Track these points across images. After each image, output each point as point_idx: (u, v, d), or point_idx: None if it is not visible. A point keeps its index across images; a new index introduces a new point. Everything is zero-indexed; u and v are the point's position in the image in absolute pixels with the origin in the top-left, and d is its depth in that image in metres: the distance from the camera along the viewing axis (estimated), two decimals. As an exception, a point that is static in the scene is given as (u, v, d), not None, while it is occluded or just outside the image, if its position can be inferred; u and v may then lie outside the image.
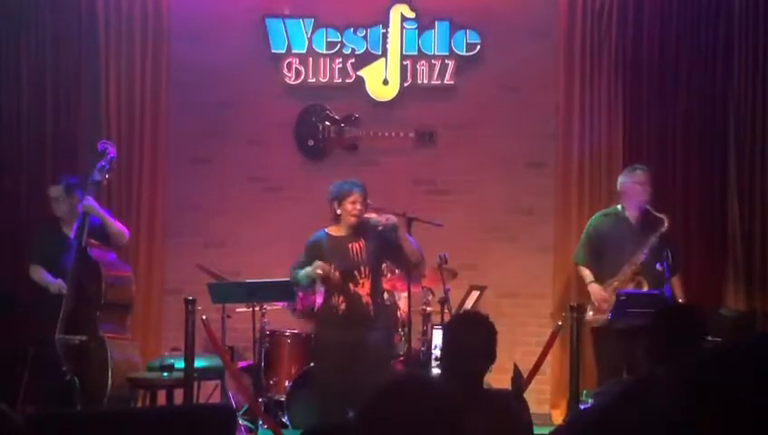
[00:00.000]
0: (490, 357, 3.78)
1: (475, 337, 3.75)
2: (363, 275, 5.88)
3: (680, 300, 6.50)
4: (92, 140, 7.11)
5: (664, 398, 1.55)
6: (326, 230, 6.02)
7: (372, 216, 5.93)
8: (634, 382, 1.77)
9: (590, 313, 6.51)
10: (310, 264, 5.89)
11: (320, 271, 5.78)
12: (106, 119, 7.64)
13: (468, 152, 7.86)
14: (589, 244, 6.79)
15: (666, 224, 6.47)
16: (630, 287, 6.44)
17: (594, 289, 6.62)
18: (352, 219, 5.88)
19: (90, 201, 6.45)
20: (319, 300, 6.18)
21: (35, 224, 7.09)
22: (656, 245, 6.45)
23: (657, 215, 6.52)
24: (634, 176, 6.68)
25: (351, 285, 5.88)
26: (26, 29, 7.62)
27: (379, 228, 5.85)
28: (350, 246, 5.93)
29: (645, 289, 6.39)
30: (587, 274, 6.72)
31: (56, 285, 6.39)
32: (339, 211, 5.91)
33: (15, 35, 7.63)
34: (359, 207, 5.87)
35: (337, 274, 5.86)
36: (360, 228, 5.91)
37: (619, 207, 6.73)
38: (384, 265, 6.20)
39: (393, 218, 5.91)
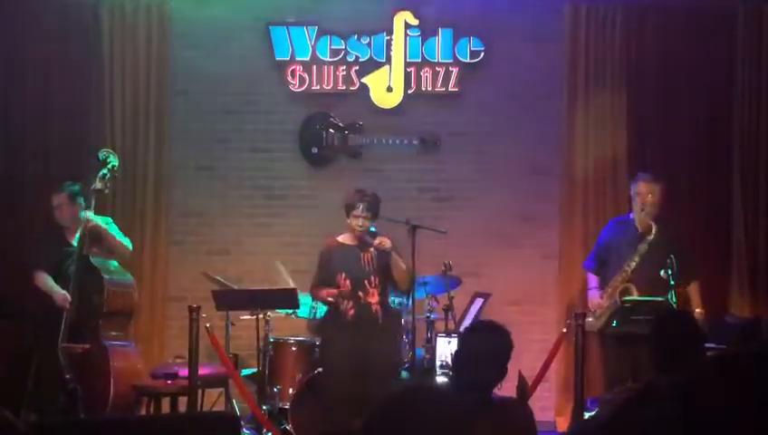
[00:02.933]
0: (501, 368, 3.77)
1: (489, 346, 3.74)
2: (373, 285, 5.94)
3: (697, 309, 6.46)
4: (97, 149, 7.11)
5: (666, 406, 1.55)
6: (337, 239, 6.10)
7: (373, 240, 5.98)
8: (637, 391, 1.76)
9: (589, 318, 6.51)
10: (327, 277, 5.98)
11: (330, 299, 5.98)
12: (111, 127, 7.65)
13: (472, 159, 7.86)
14: (597, 251, 6.82)
15: (653, 232, 6.44)
16: (617, 294, 6.44)
17: (590, 295, 6.66)
18: (356, 232, 5.96)
19: (89, 215, 6.42)
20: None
21: (39, 231, 7.09)
22: (650, 251, 6.42)
23: (651, 223, 6.48)
24: (635, 184, 6.70)
25: (362, 294, 5.92)
26: (31, 39, 7.63)
27: (371, 249, 5.92)
28: (362, 255, 6.00)
29: (634, 296, 6.37)
30: (590, 280, 6.76)
31: (61, 296, 6.37)
32: (348, 222, 6.01)
33: (20, 45, 7.63)
34: (360, 222, 5.96)
35: (347, 282, 5.93)
36: (365, 240, 5.98)
37: (630, 214, 6.73)
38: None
39: (387, 244, 5.96)
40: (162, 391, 6.36)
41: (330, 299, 5.98)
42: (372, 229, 6.17)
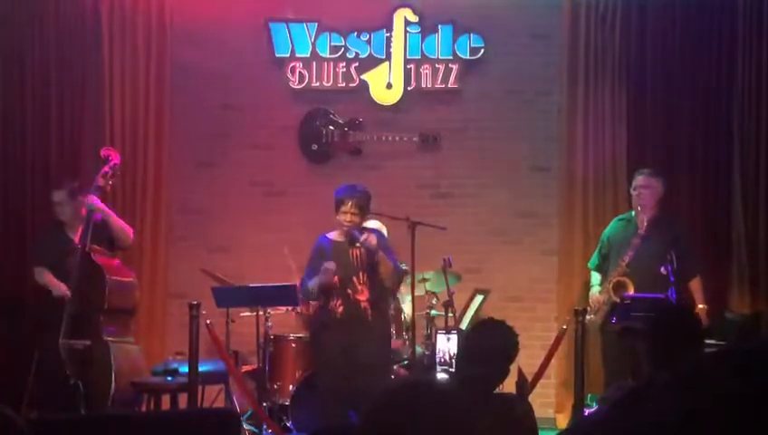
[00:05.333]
0: (504, 367, 3.78)
1: (494, 344, 3.76)
2: (362, 282, 5.92)
3: (700, 305, 6.46)
4: (96, 145, 7.12)
5: (666, 403, 1.55)
6: (327, 235, 6.08)
7: (361, 235, 5.95)
8: (636, 387, 1.77)
9: (590, 315, 6.51)
10: (315, 273, 5.96)
11: (327, 275, 5.84)
12: (110, 124, 7.65)
13: (472, 156, 7.86)
14: (600, 248, 6.84)
15: (644, 227, 6.46)
16: (611, 289, 6.45)
17: (591, 292, 6.67)
18: (345, 228, 5.94)
19: (94, 199, 6.45)
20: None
21: (40, 229, 7.10)
22: (647, 247, 6.42)
23: (643, 218, 6.50)
24: (634, 180, 6.71)
25: (350, 292, 5.90)
26: (30, 36, 7.63)
27: (357, 244, 5.91)
28: (350, 251, 5.97)
29: (630, 291, 6.37)
30: (593, 277, 6.77)
31: (60, 289, 6.38)
32: (337, 217, 5.98)
33: (20, 42, 7.63)
34: (349, 218, 5.93)
35: (336, 278, 5.91)
36: (353, 236, 5.95)
37: (632, 211, 6.74)
38: None
39: (373, 240, 5.93)
40: (162, 388, 6.36)
41: (328, 275, 5.91)
42: (374, 225, 6.16)
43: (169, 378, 6.31)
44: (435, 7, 7.80)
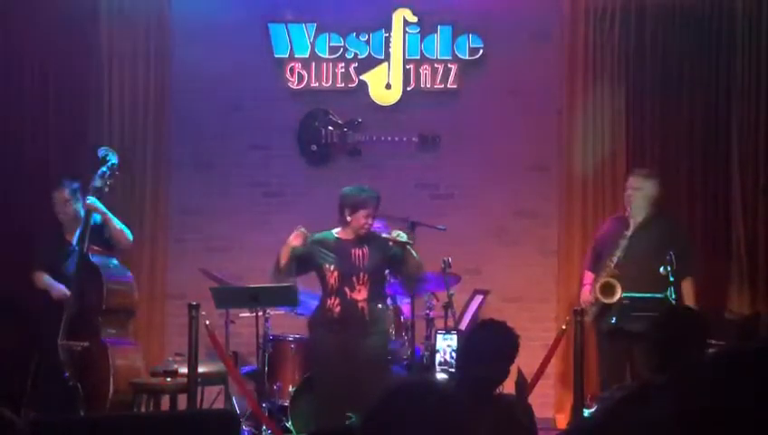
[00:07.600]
0: (504, 368, 3.79)
1: (495, 345, 3.76)
2: (361, 282, 5.88)
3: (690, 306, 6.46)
4: (96, 145, 7.11)
5: (664, 404, 1.55)
6: (334, 232, 6.03)
7: (384, 234, 5.93)
8: (635, 388, 1.77)
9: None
10: (309, 258, 5.93)
11: (295, 237, 5.84)
12: (109, 124, 7.65)
13: (471, 156, 7.85)
14: (593, 248, 6.83)
15: (631, 227, 6.47)
16: (597, 290, 6.45)
17: (582, 292, 6.67)
18: (362, 232, 5.89)
19: (93, 200, 6.44)
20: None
21: (38, 230, 7.09)
22: (641, 246, 6.42)
23: (633, 218, 6.51)
24: (627, 181, 6.72)
25: (348, 290, 5.88)
26: (30, 35, 7.63)
27: (390, 244, 5.87)
28: (353, 250, 5.94)
29: (618, 293, 6.36)
30: (585, 277, 6.77)
31: (59, 290, 6.38)
32: (349, 219, 5.90)
33: (19, 42, 7.63)
34: (371, 221, 5.90)
35: (335, 274, 5.85)
36: (367, 237, 5.92)
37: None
38: (386, 272, 6.19)
39: (404, 236, 5.91)
40: (161, 389, 6.36)
41: (295, 237, 5.89)
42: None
43: (168, 379, 6.30)
44: (434, 7, 7.79)
